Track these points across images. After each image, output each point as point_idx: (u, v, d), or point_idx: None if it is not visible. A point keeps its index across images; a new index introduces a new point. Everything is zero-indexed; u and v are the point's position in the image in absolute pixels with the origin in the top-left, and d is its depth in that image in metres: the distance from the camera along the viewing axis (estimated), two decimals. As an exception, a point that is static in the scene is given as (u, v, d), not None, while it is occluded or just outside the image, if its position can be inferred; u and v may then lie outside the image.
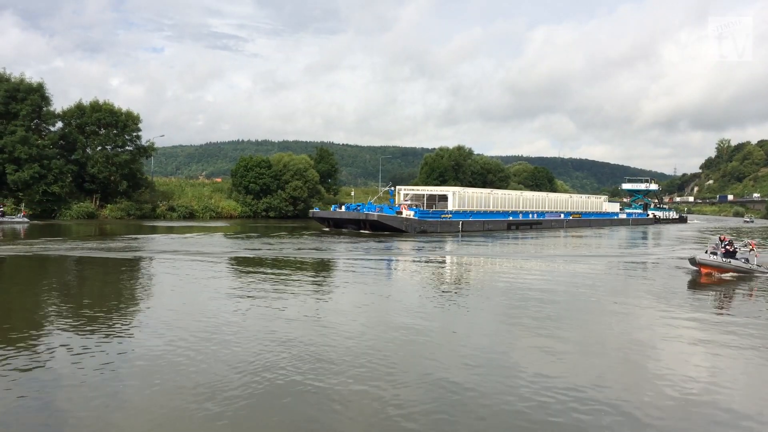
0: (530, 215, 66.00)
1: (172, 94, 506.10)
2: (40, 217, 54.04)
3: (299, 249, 31.17)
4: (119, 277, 20.24)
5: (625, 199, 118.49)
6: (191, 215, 65.49)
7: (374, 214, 47.63)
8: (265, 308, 14.91)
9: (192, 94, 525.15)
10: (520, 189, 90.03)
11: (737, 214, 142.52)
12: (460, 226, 53.84)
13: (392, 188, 60.59)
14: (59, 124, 60.92)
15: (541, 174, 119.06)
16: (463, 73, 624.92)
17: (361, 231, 47.63)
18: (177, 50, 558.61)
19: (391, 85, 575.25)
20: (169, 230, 44.87)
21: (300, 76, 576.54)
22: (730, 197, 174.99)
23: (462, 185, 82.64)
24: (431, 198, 58.33)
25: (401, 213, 48.95)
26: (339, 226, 50.33)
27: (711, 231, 69.49)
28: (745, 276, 24.00)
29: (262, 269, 22.67)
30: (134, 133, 63.59)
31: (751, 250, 25.42)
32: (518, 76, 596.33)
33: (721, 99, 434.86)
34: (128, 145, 63.33)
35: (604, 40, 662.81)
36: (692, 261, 24.65)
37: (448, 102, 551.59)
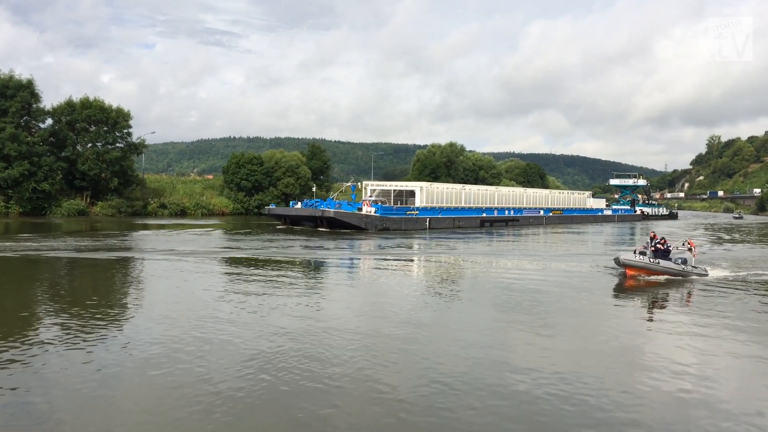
0: (506, 212, 63.76)
1: (165, 91, 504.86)
2: (30, 214, 53.82)
3: (224, 248, 29.95)
4: (107, 277, 20.22)
5: (616, 196, 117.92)
6: (183, 212, 65.31)
7: (330, 211, 45.22)
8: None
9: (185, 90, 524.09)
10: (512, 185, 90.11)
11: (727, 210, 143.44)
12: (427, 223, 51.72)
13: (354, 183, 57.98)
14: (49, 121, 60.65)
15: (533, 170, 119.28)
16: (458, 69, 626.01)
17: (318, 228, 45.54)
18: (170, 46, 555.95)
19: (385, 81, 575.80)
20: (145, 227, 44.76)
21: (294, 72, 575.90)
22: (721, 193, 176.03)
23: (454, 182, 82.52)
24: (399, 194, 55.64)
25: (362, 209, 46.72)
26: (296, 224, 48.27)
27: (702, 227, 69.79)
28: (678, 279, 21.27)
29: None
30: (125, 130, 63.39)
31: (690, 249, 22.68)
32: (513, 71, 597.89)
33: (714, 95, 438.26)
34: (119, 142, 63.10)
35: (600, 35, 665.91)
36: (617, 261, 21.92)
37: (442, 98, 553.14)
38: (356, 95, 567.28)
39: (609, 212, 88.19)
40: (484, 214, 59.90)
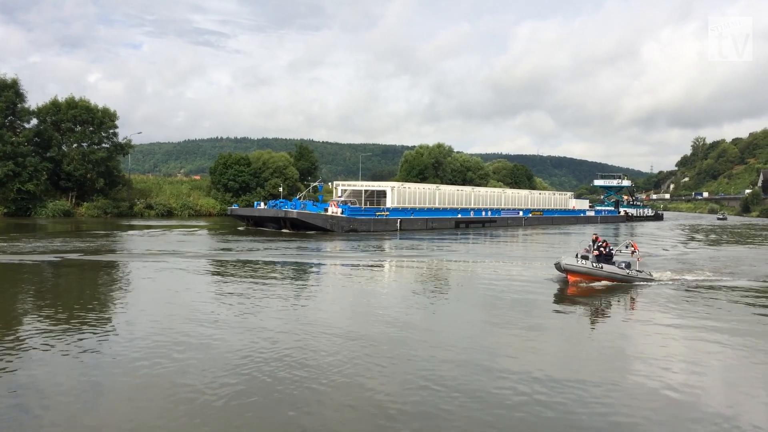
0: (483, 213, 62.23)
1: (152, 91, 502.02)
2: (15, 215, 53.33)
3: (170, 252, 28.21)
4: (91, 279, 20.14)
5: (602, 197, 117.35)
6: (169, 213, 64.96)
7: (294, 212, 43.59)
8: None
9: (172, 90, 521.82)
10: (500, 186, 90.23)
11: (712, 211, 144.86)
12: (398, 224, 49.99)
13: (321, 183, 55.67)
14: (34, 121, 60.05)
15: (521, 172, 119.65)
16: (447, 70, 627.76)
17: (282, 230, 43.97)
18: (158, 46, 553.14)
19: (374, 81, 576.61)
20: (130, 228, 44.54)
21: (282, 73, 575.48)
22: (705, 194, 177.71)
23: (442, 183, 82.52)
24: (371, 194, 53.89)
25: (328, 210, 45.21)
26: (260, 225, 46.61)
27: (686, 228, 70.49)
28: (622, 285, 19.97)
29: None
30: (111, 130, 62.98)
31: (633, 252, 21.55)
32: (502, 73, 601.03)
33: (700, 97, 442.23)
34: (105, 143, 62.70)
35: (589, 37, 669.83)
36: (558, 266, 20.27)
37: (430, 98, 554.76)
38: (345, 96, 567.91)
39: (592, 213, 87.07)
40: (460, 215, 58.51)
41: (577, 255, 20.34)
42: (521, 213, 68.99)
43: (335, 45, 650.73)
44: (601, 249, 20.40)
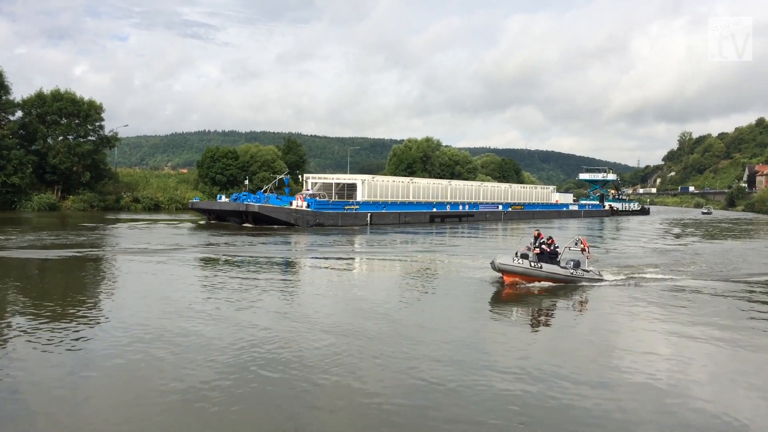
0: (460, 207, 60.60)
1: (140, 83, 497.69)
2: (-1, 208, 52.89)
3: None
4: (75, 274, 20.08)
5: (588, 191, 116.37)
6: (156, 207, 64.69)
7: (255, 205, 41.80)
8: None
9: (160, 83, 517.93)
10: (488, 180, 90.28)
11: (698, 205, 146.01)
12: (368, 218, 48.21)
13: (287, 176, 53.86)
14: (19, 114, 59.54)
15: (509, 166, 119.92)
16: (438, 64, 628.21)
17: (244, 225, 42.04)
18: (146, 38, 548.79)
19: (364, 75, 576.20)
20: (116, 221, 44.31)
21: (272, 66, 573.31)
22: (692, 188, 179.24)
23: (430, 176, 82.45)
24: (342, 187, 52.39)
25: (293, 203, 43.49)
26: (222, 219, 44.42)
27: (673, 222, 70.94)
28: (567, 285, 18.25)
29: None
30: (97, 123, 62.49)
31: (583, 249, 19.53)
32: (491, 66, 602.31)
33: (687, 92, 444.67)
34: (91, 135, 62.19)
35: (579, 31, 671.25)
36: (493, 265, 18.37)
37: (420, 92, 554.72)
38: (334, 89, 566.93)
39: (575, 207, 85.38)
40: (435, 209, 56.85)
41: (516, 253, 18.32)
42: (500, 207, 67.42)
43: (325, 38, 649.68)
44: (544, 247, 18.74)
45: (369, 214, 48.68)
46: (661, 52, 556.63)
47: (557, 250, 18.95)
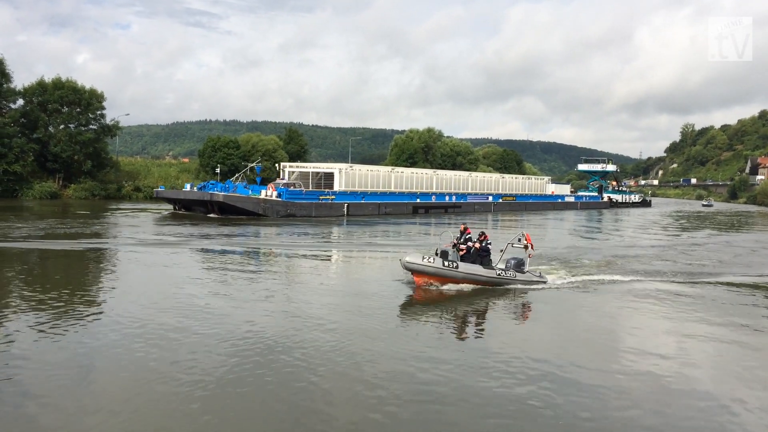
0: (447, 198, 58.43)
1: (141, 72, 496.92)
2: (1, 197, 52.86)
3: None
4: (77, 264, 20.13)
5: (587, 182, 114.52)
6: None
7: (220, 195, 40.05)
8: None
9: (161, 71, 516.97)
10: (489, 171, 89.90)
11: (699, 197, 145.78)
12: (344, 209, 46.02)
13: (259, 165, 51.26)
14: (20, 102, 59.47)
15: (510, 157, 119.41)
16: (439, 53, 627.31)
17: (209, 215, 40.41)
18: (147, 27, 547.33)
19: (365, 64, 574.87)
20: (117, 210, 44.27)
21: (273, 55, 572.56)
22: (694, 180, 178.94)
23: (432, 167, 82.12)
24: (320, 177, 50.60)
25: (263, 193, 41.74)
26: (189, 209, 43.05)
27: (675, 215, 70.72)
28: (494, 289, 15.94)
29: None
30: (98, 112, 62.49)
31: (526, 246, 16.86)
32: (493, 56, 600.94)
33: (690, 83, 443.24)
34: (92, 124, 62.23)
35: (582, 21, 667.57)
36: (402, 264, 15.89)
37: (421, 81, 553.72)
38: (335, 79, 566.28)
39: (571, 199, 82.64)
40: (418, 200, 54.75)
41: (436, 250, 15.98)
42: (490, 198, 65.11)
43: (327, 27, 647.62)
44: (470, 244, 16.35)
45: (346, 204, 46.54)
46: (664, 42, 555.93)
47: (489, 247, 16.51)
